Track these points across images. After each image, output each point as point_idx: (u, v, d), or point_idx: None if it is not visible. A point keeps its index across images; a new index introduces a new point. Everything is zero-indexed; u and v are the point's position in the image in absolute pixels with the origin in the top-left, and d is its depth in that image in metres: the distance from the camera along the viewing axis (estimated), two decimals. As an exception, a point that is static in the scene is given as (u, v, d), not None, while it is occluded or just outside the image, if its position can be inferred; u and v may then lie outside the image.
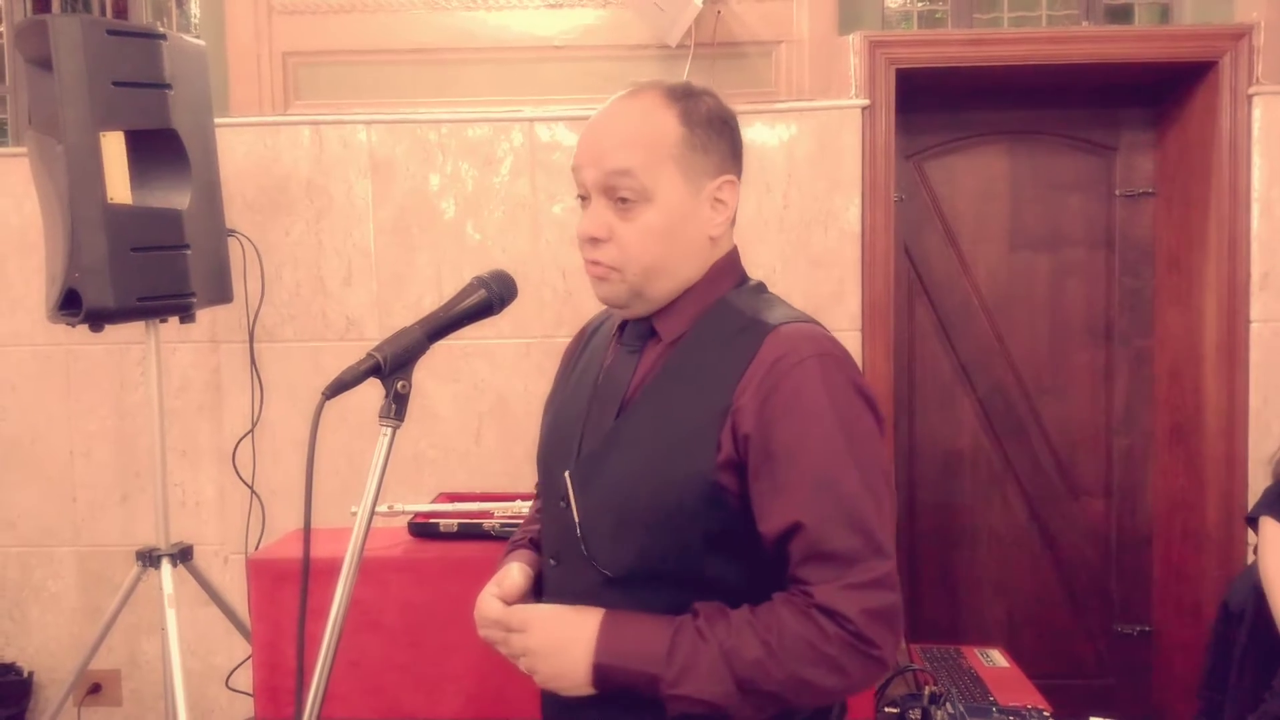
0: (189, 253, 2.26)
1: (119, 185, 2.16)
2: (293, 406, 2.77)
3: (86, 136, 2.12)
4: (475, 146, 2.76)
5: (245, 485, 2.76)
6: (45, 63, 2.14)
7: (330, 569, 1.10)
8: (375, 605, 1.81)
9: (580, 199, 1.19)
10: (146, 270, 2.19)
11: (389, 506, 2.02)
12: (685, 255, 1.16)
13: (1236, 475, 2.77)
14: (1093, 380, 3.11)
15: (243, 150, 2.75)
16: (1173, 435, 3.01)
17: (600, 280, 1.17)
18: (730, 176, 1.17)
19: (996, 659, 2.22)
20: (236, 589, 2.70)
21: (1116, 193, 3.06)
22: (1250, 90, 2.71)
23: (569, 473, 1.18)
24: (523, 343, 2.72)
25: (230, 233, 2.60)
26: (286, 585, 1.85)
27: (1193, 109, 2.86)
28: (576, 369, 1.31)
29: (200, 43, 2.46)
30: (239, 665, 2.75)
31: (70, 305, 2.18)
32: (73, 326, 2.22)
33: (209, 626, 2.78)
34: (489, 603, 1.19)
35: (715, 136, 1.16)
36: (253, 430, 2.77)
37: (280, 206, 2.77)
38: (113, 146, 2.15)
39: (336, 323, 2.79)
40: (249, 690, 2.08)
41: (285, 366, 2.78)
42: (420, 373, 1.13)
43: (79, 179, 2.12)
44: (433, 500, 2.27)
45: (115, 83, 2.15)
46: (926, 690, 1.91)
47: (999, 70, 2.76)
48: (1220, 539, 2.80)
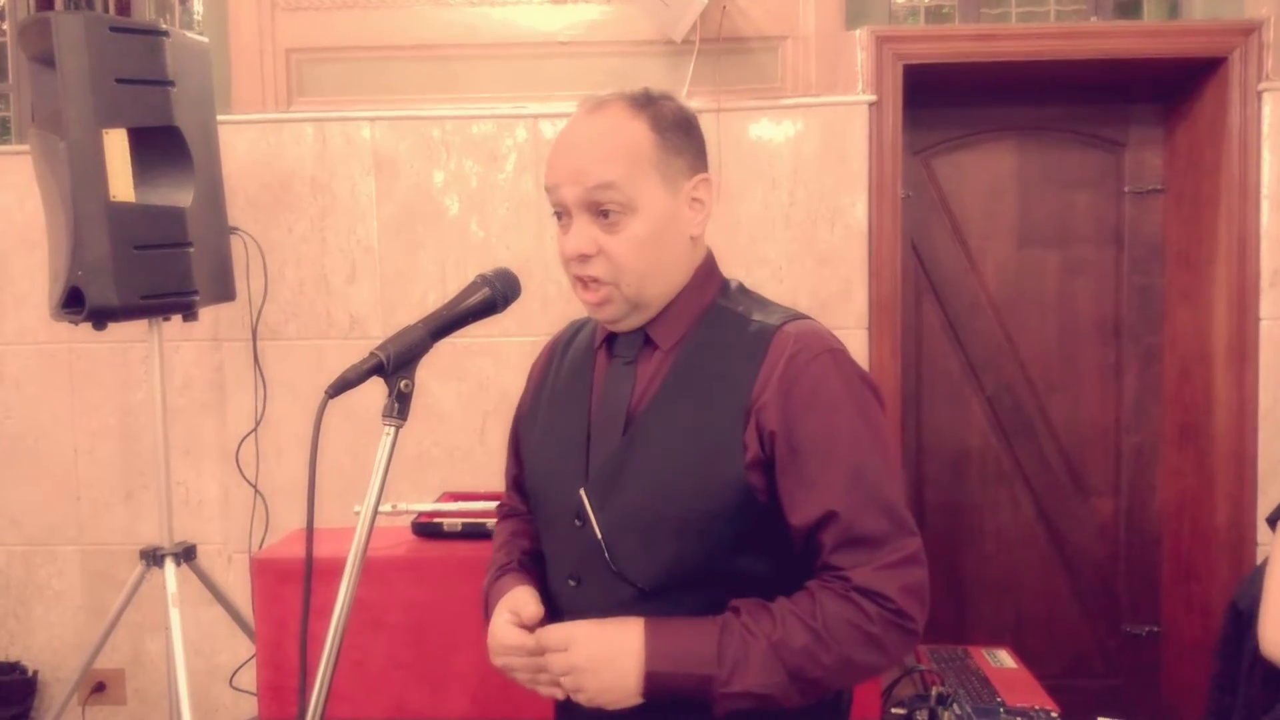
0: (192, 250, 2.26)
1: (122, 183, 2.15)
2: (296, 405, 2.76)
3: (89, 134, 2.12)
4: (479, 143, 2.75)
5: (249, 484, 2.76)
6: (48, 60, 2.13)
7: (334, 568, 1.09)
8: (379, 605, 1.80)
9: (556, 216, 1.18)
10: (149, 268, 2.19)
11: (392, 506, 2.02)
12: (673, 259, 1.18)
13: (1246, 474, 2.75)
14: (1102, 378, 3.10)
15: (246, 147, 2.74)
16: (1182, 434, 2.99)
17: (599, 305, 1.17)
18: (705, 175, 1.20)
19: (1004, 659, 2.21)
20: (240, 588, 2.70)
21: (1126, 189, 3.04)
22: (1260, 86, 2.69)
23: (584, 490, 1.17)
24: (527, 341, 2.71)
25: (233, 230, 2.59)
26: (290, 584, 1.84)
27: (1202, 105, 2.84)
28: (555, 386, 1.30)
29: (203, 39, 2.46)
30: (243, 664, 2.75)
31: (73, 303, 2.18)
32: (76, 325, 2.22)
33: (213, 626, 2.78)
34: (509, 630, 1.16)
35: (685, 137, 1.18)
36: (256, 429, 2.76)
37: (283, 204, 2.76)
38: (116, 144, 2.14)
39: (340, 321, 2.78)
40: (253, 689, 2.08)
41: (288, 365, 2.77)
42: (424, 371, 1.12)
43: (82, 177, 2.12)
44: (436, 500, 2.26)
45: (118, 80, 2.15)
46: (934, 691, 1.89)
47: (1007, 66, 2.74)
48: (1230, 538, 2.78)
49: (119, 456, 2.86)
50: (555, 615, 1.24)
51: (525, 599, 1.20)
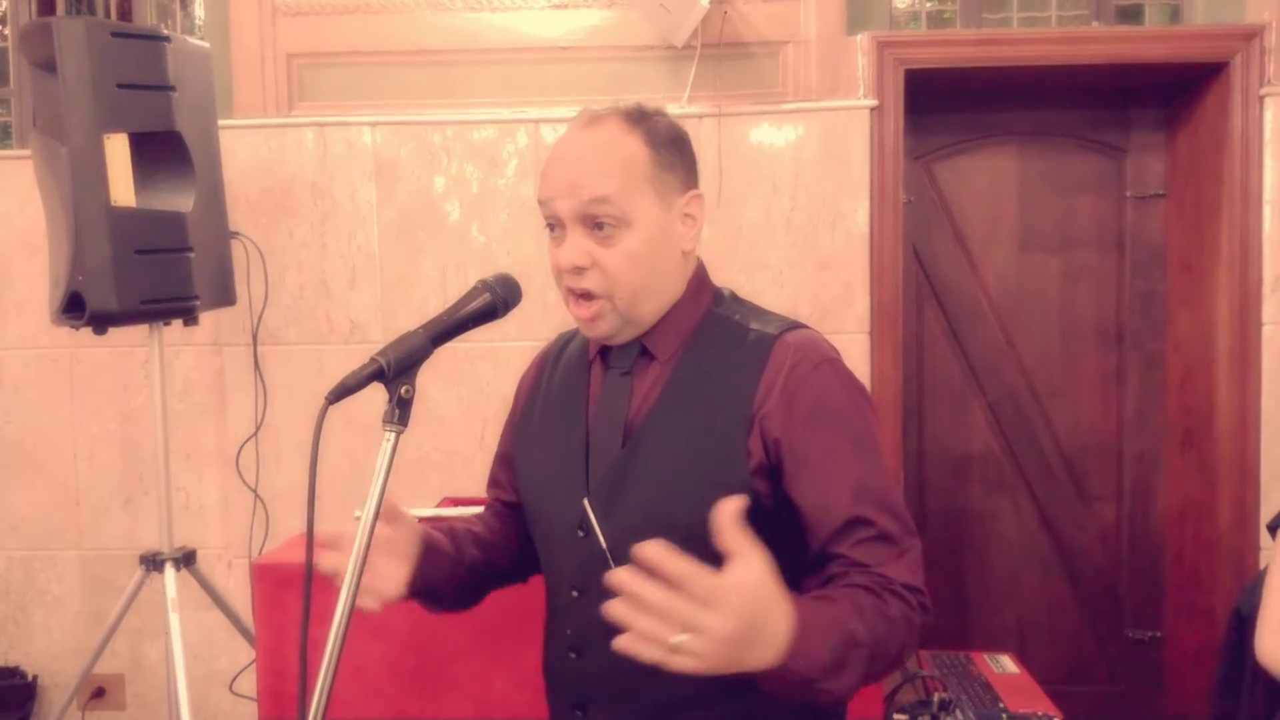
0: (192, 255, 2.26)
1: (123, 188, 2.15)
2: (296, 410, 2.76)
3: (90, 139, 2.12)
4: (480, 148, 2.75)
5: (249, 489, 2.75)
6: (50, 65, 2.13)
7: (334, 573, 1.08)
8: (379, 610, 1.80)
9: (550, 228, 1.19)
10: (150, 273, 2.19)
11: (393, 510, 2.01)
12: (666, 273, 1.19)
13: (1249, 480, 2.75)
14: (1103, 384, 3.09)
15: (246, 152, 2.74)
16: (1184, 439, 2.99)
17: (592, 321, 1.17)
18: (697, 191, 1.21)
19: (1006, 665, 2.20)
20: (240, 593, 2.69)
21: (1127, 194, 3.04)
22: (1262, 91, 2.69)
23: (587, 500, 1.17)
24: (528, 346, 2.69)
25: (234, 235, 2.59)
26: (290, 589, 1.83)
27: (1204, 110, 2.84)
28: (547, 399, 1.30)
29: (204, 45, 2.46)
30: (243, 670, 2.74)
31: (74, 308, 2.18)
32: (76, 329, 2.22)
33: (213, 631, 2.77)
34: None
35: (678, 153, 1.19)
36: (256, 434, 2.76)
37: (284, 209, 2.76)
38: (116, 149, 2.14)
39: (340, 326, 2.78)
40: (253, 695, 2.07)
41: (289, 370, 2.77)
42: (424, 376, 1.11)
43: (83, 181, 2.12)
44: (437, 504, 2.25)
45: (119, 85, 2.15)
46: (936, 697, 1.89)
47: (1008, 71, 2.74)
48: (1232, 544, 2.77)
49: (119, 461, 2.86)
50: (556, 628, 1.24)
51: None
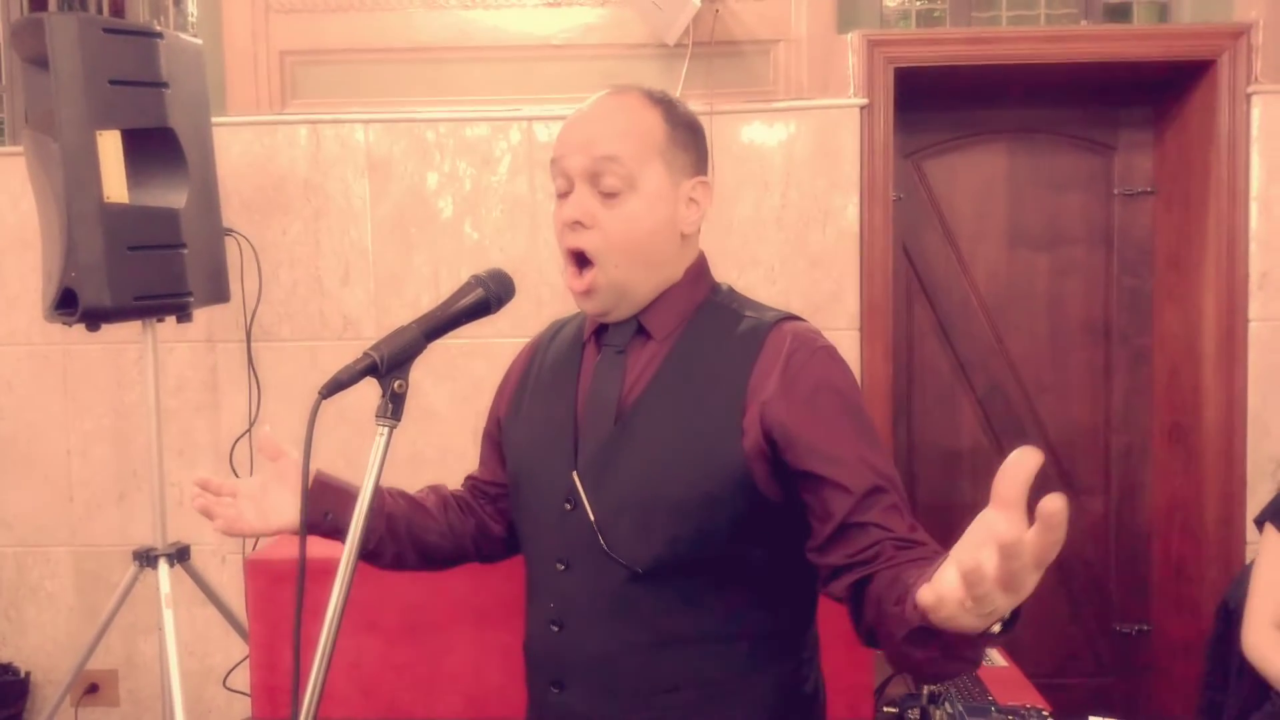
0: (186, 252, 2.26)
1: (115, 184, 2.15)
2: (290, 406, 2.77)
3: (83, 135, 2.11)
4: (473, 145, 2.75)
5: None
6: (42, 61, 2.13)
7: (327, 569, 1.09)
8: (372, 605, 1.81)
9: (559, 195, 1.21)
10: (143, 269, 2.19)
11: (387, 506, 2.01)
12: (662, 249, 1.20)
13: (1235, 474, 2.77)
14: (1092, 379, 3.11)
15: (240, 149, 2.74)
16: (1172, 434, 3.01)
17: (586, 294, 1.19)
18: (704, 178, 1.23)
19: (995, 658, 2.22)
20: (234, 589, 2.69)
21: (1115, 191, 3.06)
22: (1249, 89, 2.71)
23: (577, 473, 1.18)
24: (521, 342, 2.68)
25: (227, 232, 2.59)
26: (284, 585, 1.84)
27: (1191, 108, 2.86)
28: (538, 381, 1.32)
29: (197, 41, 2.46)
30: (236, 665, 2.75)
31: (67, 304, 2.18)
32: (69, 326, 2.21)
33: (206, 626, 2.78)
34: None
35: (692, 137, 1.22)
36: (250, 429, 2.76)
37: (277, 206, 2.76)
38: (109, 145, 2.14)
39: (334, 322, 2.78)
40: (246, 690, 2.08)
41: (282, 366, 2.77)
42: (418, 371, 1.12)
43: (75, 178, 2.12)
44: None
45: (112, 81, 2.14)
46: (925, 690, 1.90)
47: (998, 69, 2.75)
48: (1219, 537, 2.80)
49: (112, 457, 2.86)
50: (538, 602, 1.25)
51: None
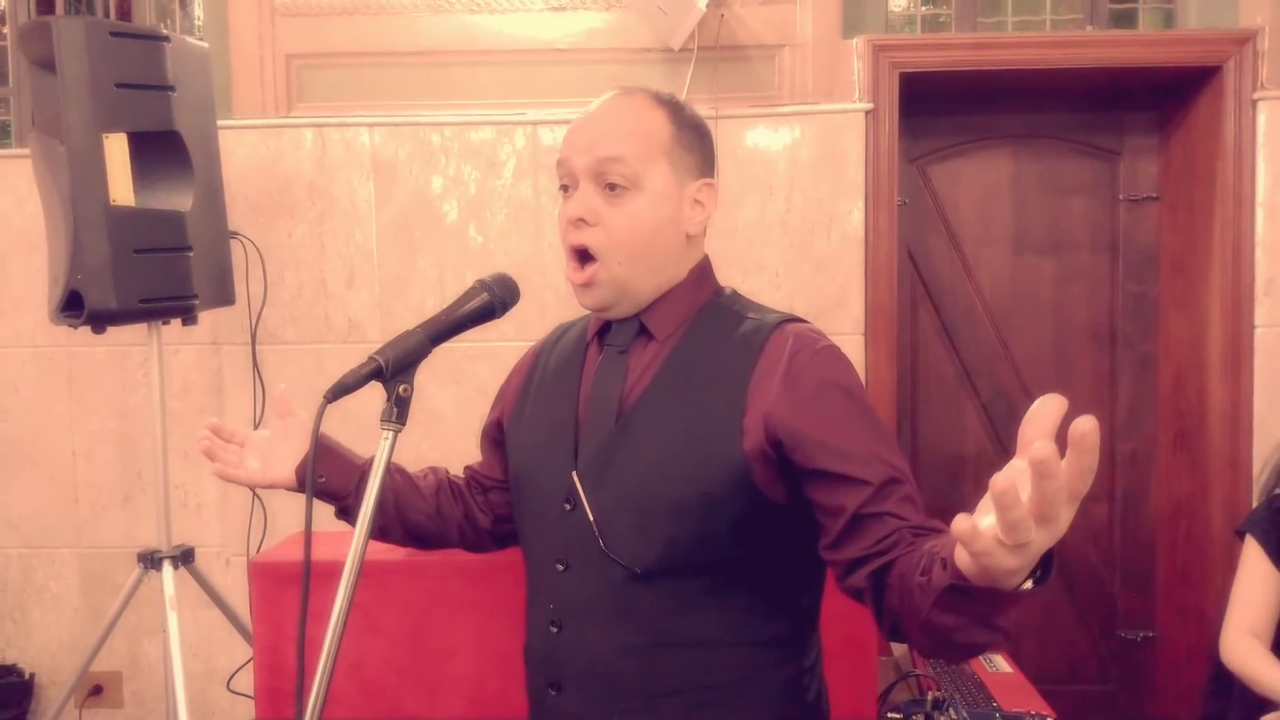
0: (191, 255, 2.26)
1: (121, 187, 2.16)
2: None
3: (89, 138, 2.12)
4: (478, 149, 2.76)
5: (247, 487, 2.75)
6: (49, 64, 2.14)
7: (331, 572, 1.10)
8: (376, 608, 1.81)
9: (563, 190, 1.21)
10: (149, 272, 2.19)
11: (390, 509, 2.01)
12: (666, 249, 1.20)
13: (1240, 480, 2.76)
14: (1096, 385, 3.11)
15: (245, 152, 2.75)
16: (1176, 440, 3.00)
17: (587, 287, 1.20)
18: (710, 180, 1.24)
19: (1000, 664, 2.21)
20: (238, 591, 2.70)
21: (1121, 197, 3.06)
22: (1255, 95, 2.70)
23: (576, 473, 1.18)
24: (525, 346, 2.69)
25: (233, 235, 2.60)
26: (288, 588, 1.84)
27: (1197, 114, 2.86)
28: (542, 383, 1.32)
29: (203, 45, 2.46)
30: (240, 668, 2.75)
31: (72, 307, 2.18)
32: (75, 328, 2.22)
33: (210, 629, 2.78)
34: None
35: (698, 139, 1.23)
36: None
37: (282, 209, 2.77)
38: (115, 148, 2.15)
39: (338, 325, 2.78)
40: (250, 693, 2.08)
41: (287, 369, 2.77)
42: (422, 375, 1.13)
43: (81, 180, 2.12)
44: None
45: (118, 84, 2.15)
46: (929, 696, 1.89)
47: (1003, 74, 2.75)
48: (1224, 544, 2.79)
49: (117, 459, 2.87)
50: (538, 603, 1.25)
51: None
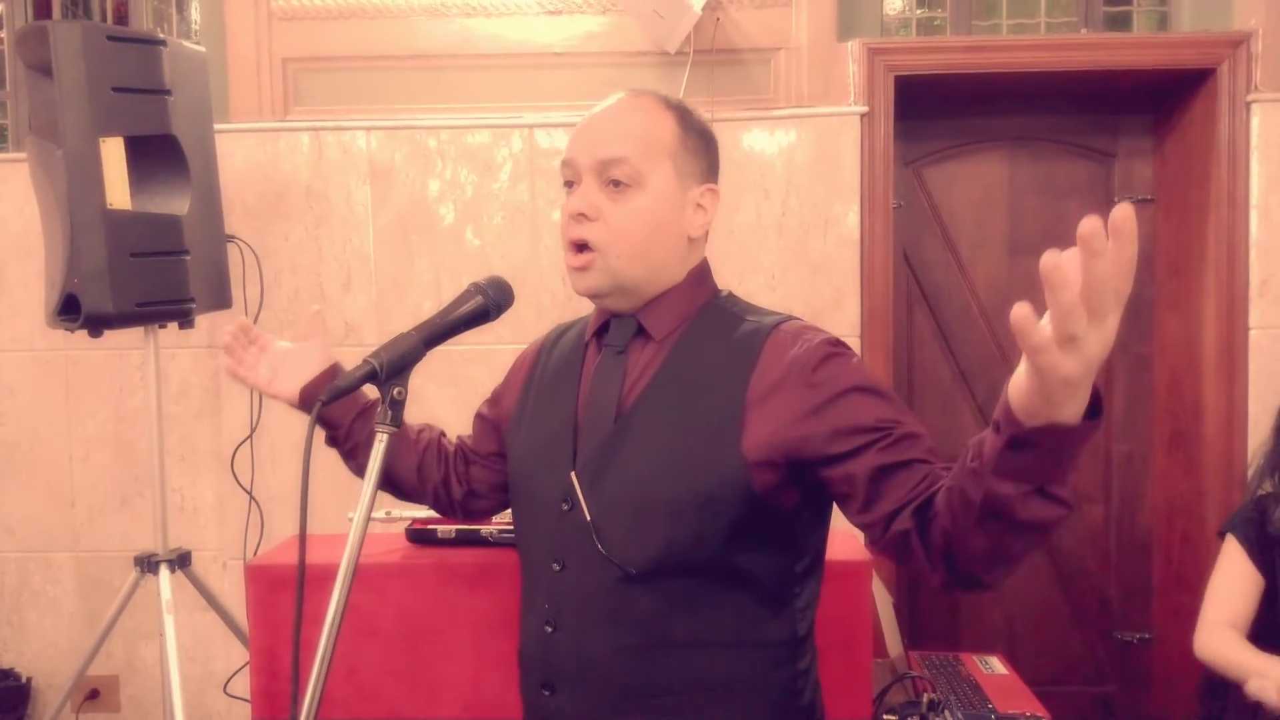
0: (188, 258, 2.26)
1: (118, 191, 2.16)
2: (291, 412, 2.72)
3: (86, 142, 2.12)
4: (475, 153, 2.76)
5: (244, 491, 2.76)
6: (45, 68, 2.14)
7: (328, 575, 1.10)
8: (372, 611, 1.81)
9: (567, 185, 1.22)
10: (146, 276, 2.19)
11: (386, 513, 2.02)
12: (666, 249, 1.21)
13: (1236, 482, 2.77)
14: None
15: (242, 156, 2.76)
16: (1172, 441, 3.01)
17: (582, 271, 1.20)
18: (713, 185, 1.25)
19: (995, 666, 2.22)
20: (235, 595, 2.70)
21: (1115, 199, 3.06)
22: (1249, 97, 2.71)
23: (574, 473, 1.18)
24: (520, 349, 2.71)
25: (229, 239, 2.60)
26: (284, 591, 1.84)
27: (1191, 116, 2.86)
28: (541, 383, 1.33)
29: (200, 49, 2.47)
30: (237, 671, 2.75)
31: (69, 310, 2.18)
32: (72, 332, 2.22)
33: (207, 632, 2.78)
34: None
35: (704, 144, 1.24)
36: (251, 436, 2.77)
37: (279, 212, 2.77)
38: (112, 152, 2.15)
39: (335, 328, 2.79)
40: (247, 696, 2.08)
41: (284, 372, 2.77)
42: (418, 378, 1.13)
43: (78, 184, 2.12)
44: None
45: (115, 88, 2.15)
46: (925, 697, 1.90)
47: (998, 77, 2.76)
48: (1219, 546, 2.79)
49: (114, 463, 2.87)
50: (533, 603, 1.25)
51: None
